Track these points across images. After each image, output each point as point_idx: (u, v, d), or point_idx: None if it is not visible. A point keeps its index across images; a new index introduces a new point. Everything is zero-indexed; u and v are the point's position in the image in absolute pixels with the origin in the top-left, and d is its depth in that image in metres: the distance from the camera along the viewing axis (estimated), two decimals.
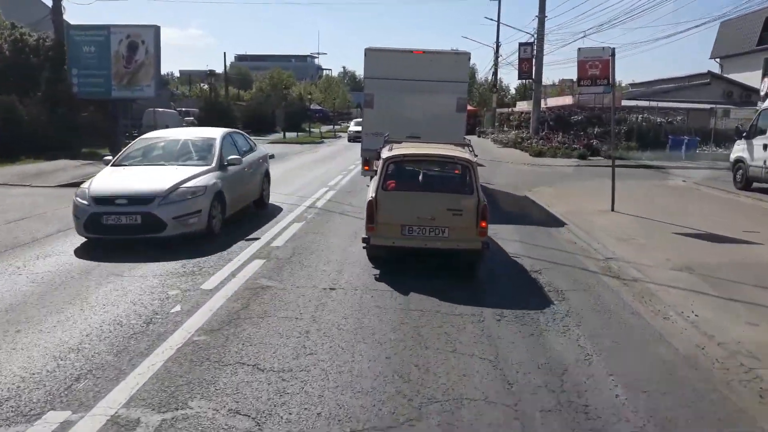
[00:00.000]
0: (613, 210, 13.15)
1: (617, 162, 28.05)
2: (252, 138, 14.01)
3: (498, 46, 52.64)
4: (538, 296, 7.28)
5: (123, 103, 26.12)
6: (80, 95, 25.02)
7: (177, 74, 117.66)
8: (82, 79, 24.66)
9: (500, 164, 26.21)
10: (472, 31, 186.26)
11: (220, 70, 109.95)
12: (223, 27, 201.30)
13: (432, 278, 7.67)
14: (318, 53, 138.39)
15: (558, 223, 12.26)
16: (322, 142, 41.48)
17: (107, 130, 25.43)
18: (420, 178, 8.05)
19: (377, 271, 7.92)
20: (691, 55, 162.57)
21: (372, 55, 13.80)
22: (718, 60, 50.33)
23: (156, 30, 24.32)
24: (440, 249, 7.61)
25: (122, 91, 24.78)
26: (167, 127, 39.39)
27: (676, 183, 19.92)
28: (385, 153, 8.23)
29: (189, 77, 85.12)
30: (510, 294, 7.38)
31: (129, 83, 24.64)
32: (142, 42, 24.30)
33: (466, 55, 14.18)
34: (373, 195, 7.58)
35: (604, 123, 34.25)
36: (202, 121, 41.81)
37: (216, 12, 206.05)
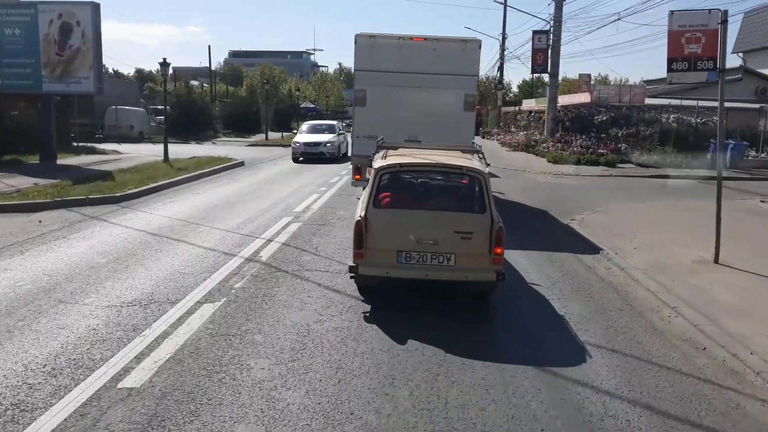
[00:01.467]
0: (717, 261, 8.62)
1: (656, 171, 24.34)
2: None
3: (504, 38, 48.05)
4: None
5: (65, 98, 21.44)
6: (3, 89, 20.36)
7: (171, 71, 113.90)
8: (5, 69, 20.04)
9: (516, 174, 21.74)
10: (475, 24, 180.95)
11: (213, 66, 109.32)
12: (222, 24, 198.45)
13: (435, 316, 6.36)
14: (314, 50, 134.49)
15: (647, 300, 7.55)
16: None
17: (41, 132, 20.76)
18: (420, 192, 7.16)
19: (367, 308, 6.55)
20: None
21: (363, 42, 11.99)
22: (740, 54, 46.36)
23: (94, 7, 19.68)
24: (445, 281, 6.58)
25: (55, 84, 20.15)
26: (132, 127, 35.52)
27: (756, 204, 15.33)
28: (378, 161, 7.08)
29: (175, 73, 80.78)
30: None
31: (63, 74, 20.00)
32: (77, 23, 19.70)
33: (476, 43, 12.05)
34: (363, 213, 6.46)
35: (634, 123, 29.76)
36: (173, 121, 37.16)
37: (215, 9, 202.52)
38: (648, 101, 35.47)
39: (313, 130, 26.91)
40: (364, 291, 7.01)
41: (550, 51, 32.15)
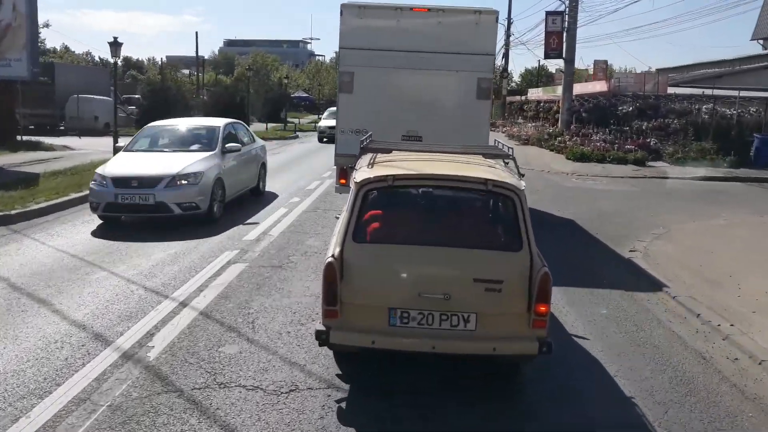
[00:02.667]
0: None
1: (695, 171, 20.47)
2: None
3: (510, 23, 44.58)
4: None
5: (8, 85, 17.90)
6: None
7: (164, 59, 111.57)
8: None
9: (534, 175, 18.25)
10: (477, 6, 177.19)
11: (208, 56, 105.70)
12: (219, 14, 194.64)
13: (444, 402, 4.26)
14: (311, 39, 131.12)
15: None
16: (295, 137, 33.35)
17: None
18: (423, 219, 4.89)
19: (346, 388, 4.50)
20: (719, 37, 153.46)
21: (351, 13, 10.00)
22: (760, 41, 42.87)
23: None
24: (461, 355, 4.50)
25: None
26: (97, 119, 31.92)
27: None
28: (362, 172, 4.81)
29: (162, 62, 77.21)
30: None
31: None
32: None
33: (492, 15, 9.96)
34: (337, 250, 4.36)
35: (662, 114, 26.30)
36: (145, 111, 33.60)
37: None
38: (672, 91, 32.14)
39: (164, 140, 11.54)
40: (342, 361, 4.94)
41: (565, 35, 28.64)
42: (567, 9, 28.33)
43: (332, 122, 20.53)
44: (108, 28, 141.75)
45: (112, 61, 18.25)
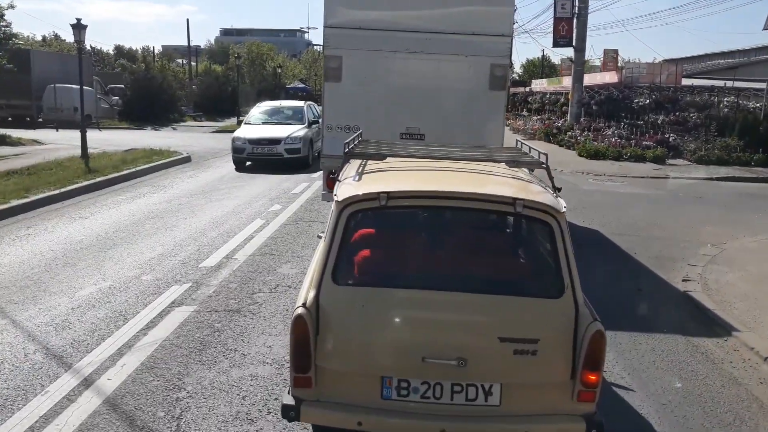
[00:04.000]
0: None
1: (722, 170, 18.70)
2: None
3: (513, 9, 42.47)
4: None
5: None
6: None
7: (160, 49, 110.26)
8: None
9: None
10: None
11: (204, 45, 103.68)
12: (216, 3, 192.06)
13: None
14: (308, 28, 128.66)
15: None
16: None
17: None
18: (427, 253, 3.79)
19: None
20: (723, 27, 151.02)
21: None
22: None
23: None
24: None
25: None
26: (76, 110, 29.98)
27: None
28: (347, 185, 3.68)
29: (154, 51, 75.55)
30: None
31: None
32: None
33: None
34: (312, 295, 3.32)
35: (680, 108, 24.50)
36: (129, 102, 31.73)
37: None
38: (687, 82, 30.37)
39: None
40: None
41: (575, 21, 26.78)
42: None
43: (272, 131, 16.17)
44: (104, 17, 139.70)
45: (76, 45, 16.38)
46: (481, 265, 3.71)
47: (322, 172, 8.73)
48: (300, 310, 3.25)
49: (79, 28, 15.63)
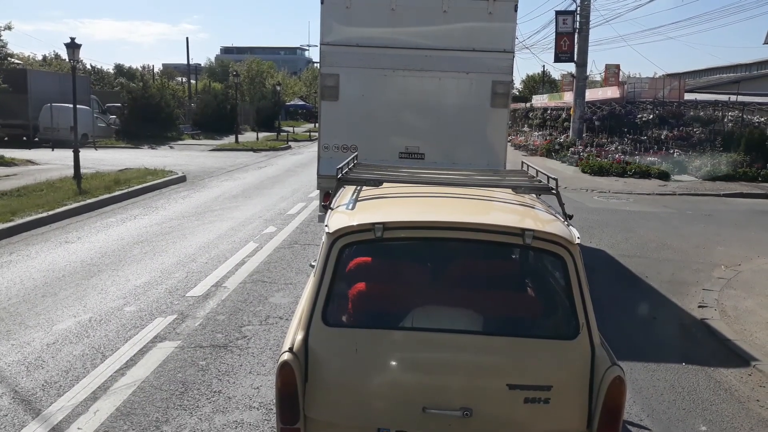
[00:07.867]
0: None
1: (729, 187, 18.17)
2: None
3: None
4: None
5: None
6: None
7: (160, 67, 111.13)
8: None
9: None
10: None
11: (204, 63, 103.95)
12: (217, 22, 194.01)
13: None
14: (308, 46, 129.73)
15: None
16: (287, 148, 31.17)
17: None
18: (428, 290, 3.50)
19: None
20: (723, 41, 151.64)
21: (334, 1, 7.92)
22: None
23: None
24: None
25: None
26: (71, 129, 29.80)
27: None
28: (339, 215, 3.39)
29: (146, 70, 75.51)
30: None
31: None
32: None
33: (512, 3, 7.89)
34: (299, 338, 3.02)
35: (685, 123, 24.19)
36: (126, 120, 31.50)
37: (210, 6, 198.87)
38: (690, 97, 30.11)
39: None
40: None
41: (576, 36, 26.60)
42: (578, 8, 26.33)
43: None
44: (108, 38, 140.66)
45: (71, 64, 16.13)
46: (487, 304, 3.37)
47: (318, 192, 8.43)
48: (286, 356, 2.93)
49: (72, 47, 15.36)
